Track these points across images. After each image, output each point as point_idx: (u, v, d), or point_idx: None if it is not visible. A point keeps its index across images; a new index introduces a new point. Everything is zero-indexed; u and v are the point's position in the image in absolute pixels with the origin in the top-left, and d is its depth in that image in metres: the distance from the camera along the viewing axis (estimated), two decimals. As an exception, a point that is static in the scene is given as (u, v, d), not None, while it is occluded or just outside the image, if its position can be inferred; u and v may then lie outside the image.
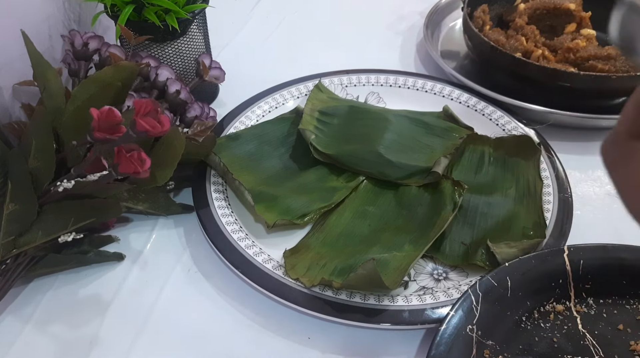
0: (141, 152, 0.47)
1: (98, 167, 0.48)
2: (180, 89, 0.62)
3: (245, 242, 0.54)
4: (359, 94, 0.75)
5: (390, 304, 0.49)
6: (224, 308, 0.52)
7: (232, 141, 0.65)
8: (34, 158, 0.52)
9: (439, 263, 0.55)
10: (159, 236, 0.59)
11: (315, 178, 0.63)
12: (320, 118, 0.68)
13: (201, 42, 0.70)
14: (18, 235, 0.50)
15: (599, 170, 0.66)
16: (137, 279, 0.55)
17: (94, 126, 0.46)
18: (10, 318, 0.51)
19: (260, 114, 0.70)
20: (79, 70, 0.62)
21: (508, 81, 0.72)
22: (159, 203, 0.59)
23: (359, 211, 0.59)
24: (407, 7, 0.95)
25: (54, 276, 0.54)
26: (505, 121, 0.68)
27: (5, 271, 0.50)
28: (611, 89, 0.67)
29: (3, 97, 0.60)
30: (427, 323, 0.48)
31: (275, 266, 0.52)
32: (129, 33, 0.61)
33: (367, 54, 0.85)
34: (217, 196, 0.59)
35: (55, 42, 0.67)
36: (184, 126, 0.62)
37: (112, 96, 0.55)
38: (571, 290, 0.50)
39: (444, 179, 0.60)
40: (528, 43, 0.74)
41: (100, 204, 0.53)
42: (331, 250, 0.55)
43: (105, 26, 0.74)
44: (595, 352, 0.46)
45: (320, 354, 0.49)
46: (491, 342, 0.46)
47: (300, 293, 0.50)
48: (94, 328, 0.50)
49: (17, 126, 0.59)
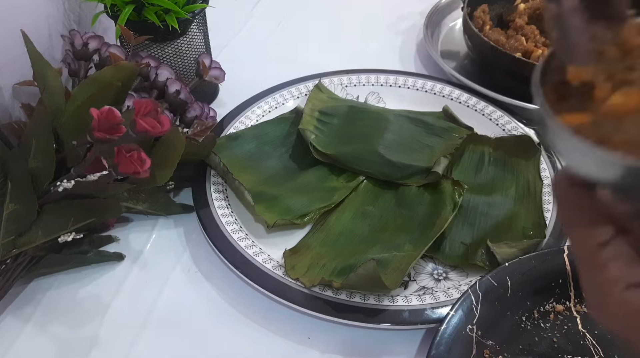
0: (141, 152, 0.48)
1: (98, 167, 0.48)
2: (180, 89, 0.61)
3: (245, 242, 0.54)
4: (359, 94, 0.74)
5: (390, 304, 0.49)
6: (224, 308, 0.52)
7: (232, 141, 0.65)
8: (34, 158, 0.52)
9: (439, 263, 0.55)
10: (159, 236, 0.59)
11: (315, 178, 0.63)
12: (320, 118, 0.68)
13: (201, 42, 0.70)
14: (18, 235, 0.50)
15: (599, 170, 0.66)
16: (137, 279, 0.55)
17: (94, 126, 0.46)
18: (10, 318, 0.51)
19: (260, 114, 0.70)
20: (79, 70, 0.62)
21: (508, 81, 0.72)
22: (159, 203, 0.59)
23: (358, 211, 0.59)
24: (407, 7, 0.95)
25: (54, 276, 0.54)
26: (505, 121, 0.68)
27: (5, 271, 0.50)
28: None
29: (3, 97, 0.60)
30: (427, 323, 0.48)
31: (275, 266, 0.52)
32: (129, 33, 0.61)
33: (367, 54, 0.85)
34: (217, 196, 0.59)
35: (55, 42, 0.67)
36: (184, 126, 0.62)
37: (112, 96, 0.55)
38: (571, 290, 0.50)
39: (444, 179, 0.60)
40: (528, 43, 0.74)
41: (100, 204, 0.53)
42: (331, 250, 0.55)
43: (105, 26, 0.74)
44: (595, 352, 0.46)
45: (320, 354, 0.49)
46: (491, 342, 0.46)
47: (300, 293, 0.50)
48: (94, 328, 0.50)
49: (17, 126, 0.59)
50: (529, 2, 0.81)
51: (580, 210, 0.26)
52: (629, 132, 0.22)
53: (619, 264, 0.24)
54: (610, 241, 0.25)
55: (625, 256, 0.24)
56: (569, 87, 0.25)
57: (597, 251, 0.25)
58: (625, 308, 0.24)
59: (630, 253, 0.24)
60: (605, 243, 0.25)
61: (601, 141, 0.22)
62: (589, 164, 0.23)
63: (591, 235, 0.25)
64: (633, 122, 0.23)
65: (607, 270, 0.24)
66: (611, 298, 0.24)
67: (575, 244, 0.26)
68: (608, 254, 0.24)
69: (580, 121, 0.23)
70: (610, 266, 0.24)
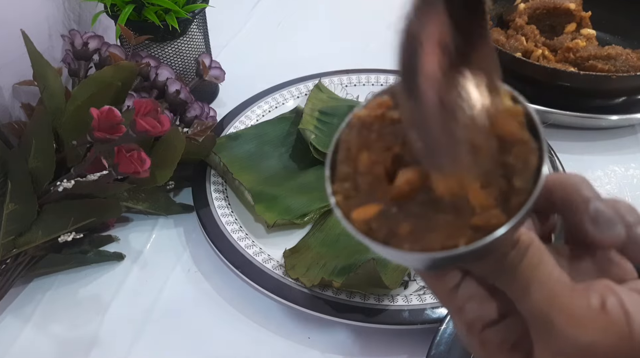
0: (141, 152, 0.48)
1: (98, 167, 0.48)
2: (180, 89, 0.61)
3: (245, 242, 0.54)
4: (359, 94, 0.74)
5: (390, 304, 0.49)
6: (224, 308, 0.52)
7: (232, 141, 0.65)
8: (34, 157, 0.52)
9: (439, 263, 0.55)
10: (159, 236, 0.59)
11: (315, 178, 0.63)
12: (320, 118, 0.68)
13: (201, 42, 0.70)
14: (18, 235, 0.50)
15: (599, 170, 0.66)
16: (137, 279, 0.55)
17: (94, 125, 0.46)
18: (10, 318, 0.51)
19: (260, 114, 0.70)
20: (79, 70, 0.62)
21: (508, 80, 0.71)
22: (159, 202, 0.59)
23: (359, 211, 0.59)
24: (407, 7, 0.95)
25: (54, 276, 0.54)
26: (505, 121, 0.68)
27: (5, 271, 0.50)
28: (611, 89, 0.67)
29: (3, 97, 0.60)
30: (427, 322, 0.48)
31: (275, 266, 0.52)
32: (129, 33, 0.61)
33: (367, 54, 0.85)
34: (217, 196, 0.59)
35: (55, 42, 0.67)
36: (184, 126, 0.62)
37: (112, 96, 0.55)
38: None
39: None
40: (528, 43, 0.74)
41: (100, 204, 0.53)
42: (331, 249, 0.55)
43: (105, 26, 0.74)
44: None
45: (320, 354, 0.49)
46: (491, 341, 0.46)
47: (300, 293, 0.50)
48: (94, 328, 0.50)
49: (17, 126, 0.59)
50: (529, 2, 0.81)
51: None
52: (413, 214, 0.22)
53: (473, 305, 0.24)
54: (460, 283, 0.24)
55: (477, 295, 0.24)
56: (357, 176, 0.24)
57: (452, 297, 0.25)
58: (487, 349, 0.24)
59: (481, 292, 0.24)
60: (457, 285, 0.24)
61: (389, 234, 0.22)
62: (396, 259, 0.23)
63: (442, 281, 0.25)
64: (417, 201, 0.22)
65: (465, 312, 0.24)
66: (474, 340, 0.24)
67: (434, 292, 0.26)
68: (461, 295, 0.24)
69: (369, 214, 0.22)
70: (466, 308, 0.24)
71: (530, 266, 0.23)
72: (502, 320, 0.24)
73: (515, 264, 0.23)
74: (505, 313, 0.24)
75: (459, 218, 0.21)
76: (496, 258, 0.23)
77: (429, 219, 0.22)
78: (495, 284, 0.24)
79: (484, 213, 0.21)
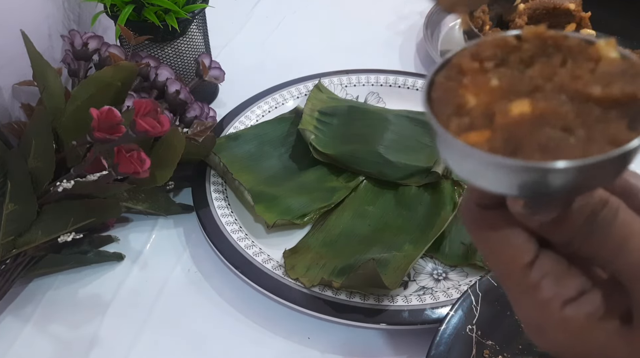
0: (141, 152, 0.48)
1: (98, 167, 0.48)
2: (180, 89, 0.62)
3: (245, 242, 0.54)
4: (358, 94, 0.74)
5: (390, 304, 0.49)
6: (224, 308, 0.52)
7: (232, 141, 0.65)
8: (34, 158, 0.52)
9: (439, 263, 0.55)
10: (158, 236, 0.59)
11: (315, 178, 0.63)
12: (320, 118, 0.68)
13: (201, 42, 0.70)
14: (18, 235, 0.50)
15: None
16: (137, 279, 0.55)
17: (94, 126, 0.46)
18: (10, 318, 0.51)
19: (260, 114, 0.70)
20: (78, 70, 0.62)
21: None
22: (158, 203, 0.59)
23: (358, 211, 0.59)
24: (407, 7, 0.95)
25: (54, 276, 0.54)
26: (505, 121, 0.68)
27: (5, 271, 0.50)
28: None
29: (3, 97, 0.60)
30: (426, 323, 0.48)
31: (275, 266, 0.52)
32: (128, 33, 0.61)
33: (367, 54, 0.85)
34: (217, 196, 0.59)
35: (55, 42, 0.67)
36: (184, 126, 0.62)
37: (112, 96, 0.55)
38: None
39: (444, 179, 0.60)
40: (528, 43, 0.74)
41: (100, 204, 0.53)
42: (331, 250, 0.55)
43: (105, 26, 0.74)
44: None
45: (320, 354, 0.49)
46: (491, 342, 0.46)
47: (300, 293, 0.50)
48: (94, 328, 0.50)
49: (17, 126, 0.59)
50: (529, 2, 0.81)
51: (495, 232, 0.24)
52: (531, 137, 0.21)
53: (550, 281, 0.23)
54: (535, 260, 0.23)
55: (554, 272, 0.23)
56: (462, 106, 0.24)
57: (525, 274, 0.23)
58: (568, 327, 0.23)
59: (558, 267, 0.23)
60: (532, 263, 0.23)
61: (495, 150, 0.21)
62: (497, 177, 0.22)
63: (515, 259, 0.23)
64: (530, 127, 0.21)
65: (540, 290, 0.23)
66: (551, 319, 0.23)
67: (499, 272, 0.25)
68: (536, 274, 0.23)
69: (479, 139, 0.22)
70: (542, 286, 0.23)
71: (625, 222, 0.22)
72: (581, 295, 0.23)
73: (609, 221, 0.22)
74: (582, 290, 0.23)
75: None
76: (587, 217, 0.22)
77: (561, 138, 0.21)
78: (581, 250, 0.23)
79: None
